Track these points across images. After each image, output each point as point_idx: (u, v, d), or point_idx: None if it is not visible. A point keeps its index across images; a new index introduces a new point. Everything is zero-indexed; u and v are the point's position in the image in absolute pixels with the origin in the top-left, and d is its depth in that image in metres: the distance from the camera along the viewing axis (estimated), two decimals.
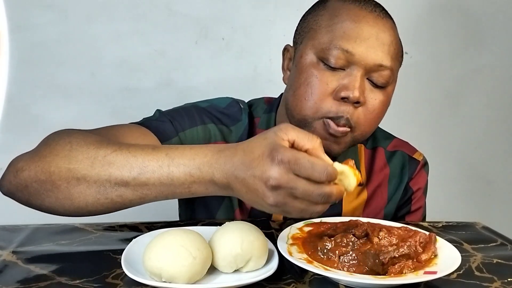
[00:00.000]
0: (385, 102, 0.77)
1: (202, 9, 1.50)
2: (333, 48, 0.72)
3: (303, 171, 0.52)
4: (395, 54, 0.75)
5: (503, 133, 1.73)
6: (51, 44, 1.45)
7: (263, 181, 0.52)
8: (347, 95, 0.72)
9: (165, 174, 0.59)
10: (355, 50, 0.72)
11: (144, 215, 0.82)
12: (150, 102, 1.49)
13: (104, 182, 0.60)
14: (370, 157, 0.89)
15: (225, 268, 0.57)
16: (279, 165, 0.52)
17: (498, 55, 1.67)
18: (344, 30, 0.73)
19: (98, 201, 0.61)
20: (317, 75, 0.74)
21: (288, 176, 0.52)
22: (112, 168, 0.60)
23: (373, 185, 0.87)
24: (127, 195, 0.60)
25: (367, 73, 0.73)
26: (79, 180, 0.60)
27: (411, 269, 0.57)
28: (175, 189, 0.59)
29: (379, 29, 0.73)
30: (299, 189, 0.52)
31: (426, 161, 0.91)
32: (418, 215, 0.90)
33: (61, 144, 0.63)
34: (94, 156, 0.61)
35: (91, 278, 0.56)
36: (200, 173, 0.58)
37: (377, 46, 0.73)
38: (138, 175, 0.59)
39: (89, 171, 0.60)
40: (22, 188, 0.62)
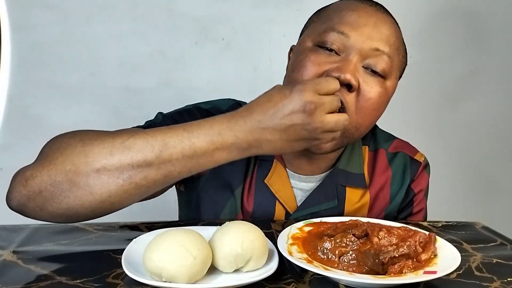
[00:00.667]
0: (382, 94, 0.74)
1: (202, 9, 1.50)
2: (329, 31, 0.73)
3: (324, 88, 0.62)
4: (394, 45, 0.75)
5: (503, 133, 1.73)
6: (51, 44, 1.45)
7: (300, 111, 0.60)
8: (338, 76, 0.69)
9: (187, 147, 0.60)
10: (351, 33, 0.72)
11: (144, 215, 0.82)
12: (150, 102, 1.50)
13: (126, 167, 0.59)
14: (372, 159, 0.88)
15: (225, 268, 0.58)
16: (307, 91, 0.60)
17: (498, 56, 1.67)
18: (342, 17, 0.74)
19: (121, 188, 0.60)
20: (311, 57, 0.74)
21: (317, 96, 0.61)
22: (133, 152, 0.59)
23: (375, 188, 0.86)
24: (152, 175, 0.60)
25: (363, 59, 0.72)
26: (99, 171, 0.59)
27: (411, 269, 0.57)
28: (199, 160, 0.60)
29: (377, 19, 0.74)
30: (327, 103, 0.62)
31: (428, 162, 0.91)
32: (419, 217, 0.90)
33: (71, 143, 0.61)
34: (111, 144, 0.60)
35: (91, 278, 0.56)
36: (221, 138, 0.60)
37: (374, 33, 0.73)
38: (160, 152, 0.60)
39: (109, 159, 0.59)
40: (35, 196, 0.60)
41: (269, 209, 0.82)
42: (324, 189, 0.83)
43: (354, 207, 0.84)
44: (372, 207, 0.86)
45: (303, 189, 0.83)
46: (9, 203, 0.63)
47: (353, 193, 0.84)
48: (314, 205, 0.82)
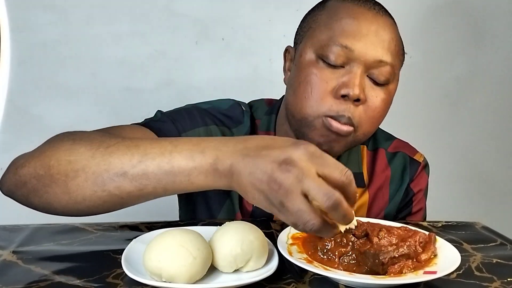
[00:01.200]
0: (387, 100, 0.76)
1: (202, 10, 1.50)
2: (332, 44, 0.72)
3: (325, 165, 0.48)
4: (395, 51, 0.75)
5: (503, 133, 1.73)
6: (51, 45, 1.45)
7: (276, 161, 0.48)
8: (347, 93, 0.71)
9: (166, 160, 0.56)
10: (354, 46, 0.71)
11: (144, 215, 0.82)
12: (150, 102, 1.50)
13: (102, 173, 0.57)
14: (372, 159, 0.88)
15: (225, 268, 0.58)
16: (302, 151, 0.49)
17: (497, 55, 1.67)
18: (343, 27, 0.72)
19: (95, 193, 0.58)
20: (317, 73, 0.73)
21: (306, 162, 0.48)
22: (112, 157, 0.57)
23: (374, 187, 0.86)
24: (125, 186, 0.57)
25: (367, 70, 0.72)
26: (78, 172, 0.58)
27: (410, 269, 0.57)
28: (174, 178, 0.56)
29: (378, 26, 0.73)
30: (310, 179, 0.47)
31: (427, 162, 0.91)
32: (418, 216, 0.90)
33: (63, 140, 0.61)
34: (96, 147, 0.59)
35: (91, 278, 0.56)
36: (202, 156, 0.54)
37: (377, 42, 0.72)
38: (138, 163, 0.56)
39: (89, 161, 0.58)
40: (21, 185, 0.61)
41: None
42: None
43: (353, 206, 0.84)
44: (371, 206, 0.86)
45: None
46: (1, 188, 0.64)
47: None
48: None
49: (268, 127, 0.85)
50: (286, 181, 0.47)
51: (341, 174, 0.49)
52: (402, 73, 0.83)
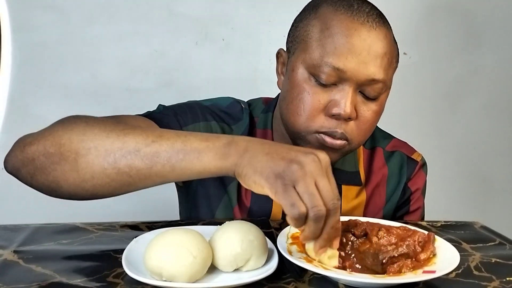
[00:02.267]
0: (378, 111, 0.76)
1: (202, 10, 1.51)
2: (323, 65, 0.71)
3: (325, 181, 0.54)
4: (388, 65, 0.74)
5: (502, 133, 1.73)
6: (52, 45, 1.46)
7: (301, 151, 0.55)
8: (338, 112, 0.71)
9: (180, 141, 0.59)
10: (347, 67, 0.70)
11: (145, 215, 0.82)
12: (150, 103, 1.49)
13: (115, 150, 0.59)
14: (369, 157, 0.89)
15: (225, 267, 0.58)
16: (314, 160, 0.54)
17: (497, 56, 1.67)
18: (335, 46, 0.71)
19: (104, 171, 0.59)
20: (309, 91, 0.73)
21: (313, 171, 0.53)
22: (127, 137, 0.60)
23: (371, 186, 0.87)
24: (136, 163, 0.59)
25: (359, 86, 0.73)
26: (89, 149, 0.59)
27: (410, 269, 0.58)
28: (184, 156, 0.58)
29: (371, 42, 0.71)
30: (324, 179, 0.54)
31: (425, 161, 0.91)
32: (416, 215, 0.90)
33: (76, 122, 0.62)
34: (111, 129, 0.61)
35: (92, 277, 0.56)
36: (217, 139, 0.59)
37: (369, 60, 0.71)
38: (152, 142, 0.59)
39: (103, 140, 0.59)
40: (28, 162, 0.61)
41: (267, 205, 0.83)
42: None
43: (351, 204, 0.85)
44: (368, 205, 0.86)
45: None
46: (6, 166, 0.65)
47: (349, 191, 0.85)
48: None
49: (266, 124, 0.86)
50: (309, 166, 0.53)
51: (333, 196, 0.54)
52: (402, 73, 0.84)
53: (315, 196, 0.53)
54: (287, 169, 0.53)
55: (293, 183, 0.53)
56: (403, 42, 0.81)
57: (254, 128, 0.87)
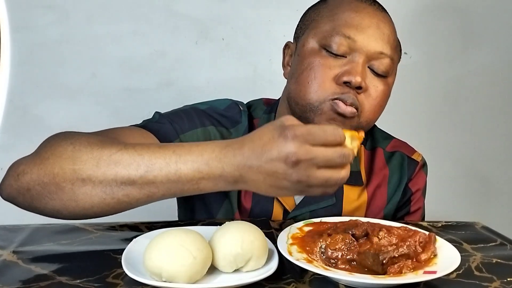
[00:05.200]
0: (386, 92, 0.79)
1: (202, 10, 1.50)
2: (335, 34, 0.75)
3: (317, 139, 0.54)
4: (393, 46, 0.78)
5: (502, 133, 1.73)
6: (52, 45, 1.45)
7: (282, 160, 0.54)
8: (350, 80, 0.73)
9: (173, 171, 0.58)
10: (357, 37, 0.74)
11: (144, 215, 0.82)
12: (150, 103, 1.50)
13: (110, 182, 0.59)
14: (370, 158, 0.89)
15: (225, 268, 0.58)
16: (294, 140, 0.54)
17: (496, 55, 1.67)
18: (345, 19, 0.76)
19: (104, 201, 0.60)
20: (320, 60, 0.76)
21: (305, 148, 0.54)
22: (118, 167, 0.59)
23: (373, 186, 0.86)
24: (134, 194, 0.60)
25: (369, 61, 0.76)
26: (84, 180, 0.59)
27: (410, 269, 0.57)
28: (183, 186, 0.59)
29: (379, 20, 0.76)
30: (320, 157, 0.54)
31: (425, 161, 0.91)
32: (417, 216, 0.90)
33: (63, 145, 0.62)
34: (99, 156, 0.60)
35: (91, 278, 0.56)
36: (208, 168, 0.58)
37: (378, 35, 0.75)
38: (145, 173, 0.59)
39: (95, 171, 0.59)
40: (24, 192, 0.61)
41: (267, 207, 0.82)
42: None
43: (352, 205, 0.84)
44: (370, 205, 0.86)
45: None
46: (1, 194, 0.64)
47: (350, 191, 0.84)
48: (312, 203, 0.82)
49: None
50: (301, 172, 0.54)
51: (336, 137, 0.55)
52: (402, 73, 0.84)
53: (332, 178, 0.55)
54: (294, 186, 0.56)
55: (307, 188, 0.56)
56: (403, 42, 0.81)
57: (254, 129, 0.86)
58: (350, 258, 0.60)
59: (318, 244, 0.62)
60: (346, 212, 0.84)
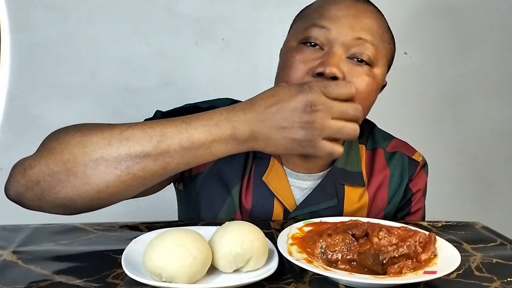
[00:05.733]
0: (370, 82, 0.74)
1: (202, 10, 1.51)
2: (310, 26, 0.74)
3: (332, 92, 0.60)
4: (377, 33, 0.75)
5: (503, 133, 1.73)
6: (51, 45, 1.46)
7: (301, 109, 0.59)
8: (323, 70, 0.70)
9: (185, 138, 0.60)
10: (332, 25, 0.73)
11: (144, 215, 0.82)
12: (150, 102, 1.50)
13: (124, 157, 0.59)
14: (370, 158, 0.89)
15: (225, 268, 0.58)
16: (313, 92, 0.60)
17: (497, 55, 1.67)
18: (321, 12, 0.75)
19: (119, 178, 0.60)
20: (295, 56, 0.74)
21: (323, 98, 0.60)
22: (131, 142, 0.60)
23: (374, 187, 0.86)
24: (150, 166, 0.60)
25: (347, 50, 0.73)
26: (97, 160, 0.59)
27: (410, 269, 0.57)
28: (196, 152, 0.60)
29: (357, 10, 0.75)
30: (335, 107, 0.60)
31: (426, 162, 0.91)
32: (417, 216, 0.90)
33: (70, 133, 0.62)
34: (110, 135, 0.60)
35: (91, 278, 0.56)
36: (219, 129, 0.60)
37: (355, 23, 0.74)
38: (158, 143, 0.60)
39: (107, 149, 0.59)
40: (33, 185, 0.60)
41: (268, 207, 0.82)
42: (323, 188, 0.83)
43: (354, 207, 0.84)
44: (371, 206, 0.86)
45: (300, 187, 0.84)
46: (7, 194, 0.63)
47: (352, 192, 0.84)
48: (313, 204, 0.82)
49: None
50: (318, 117, 0.59)
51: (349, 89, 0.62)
52: (402, 73, 0.83)
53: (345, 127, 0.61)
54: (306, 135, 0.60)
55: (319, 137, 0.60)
56: (404, 42, 0.82)
57: None
58: (350, 258, 0.60)
59: (318, 245, 0.62)
60: (347, 213, 0.84)
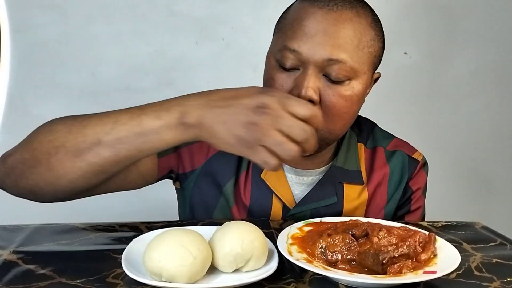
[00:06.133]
0: (348, 97, 0.73)
1: (202, 10, 1.50)
2: (283, 49, 0.73)
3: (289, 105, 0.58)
4: (351, 44, 0.72)
5: (502, 132, 1.73)
6: (51, 44, 1.45)
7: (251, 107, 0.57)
8: (298, 93, 0.71)
9: (136, 123, 0.61)
10: (301, 48, 0.71)
11: (144, 215, 0.82)
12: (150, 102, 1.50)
13: (79, 144, 0.62)
14: (370, 157, 0.89)
15: (225, 268, 0.58)
16: (270, 97, 0.58)
17: (496, 55, 1.67)
18: (293, 31, 0.73)
19: (75, 165, 0.62)
20: (274, 77, 0.75)
21: (277, 106, 0.57)
22: (87, 129, 0.62)
23: (373, 185, 0.87)
24: (103, 153, 0.62)
25: (321, 70, 0.72)
26: (58, 148, 0.62)
27: (410, 269, 0.57)
28: (147, 138, 0.61)
29: (328, 24, 0.71)
30: (285, 120, 0.57)
31: (426, 161, 0.91)
32: (417, 215, 0.90)
33: (44, 124, 0.67)
34: (71, 123, 0.64)
35: (91, 278, 0.56)
36: (168, 114, 0.60)
37: (324, 41, 0.70)
38: (111, 129, 0.61)
39: (67, 137, 0.63)
40: (10, 172, 0.65)
41: (266, 204, 0.83)
42: (323, 186, 0.84)
43: (353, 204, 0.85)
44: (370, 204, 0.86)
45: (299, 183, 0.85)
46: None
47: (351, 190, 0.85)
48: (313, 201, 0.83)
49: None
50: (264, 121, 0.57)
51: (304, 111, 0.58)
52: (402, 73, 0.83)
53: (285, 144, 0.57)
54: (247, 135, 0.57)
55: (258, 142, 0.57)
56: (404, 42, 0.81)
57: None
58: (350, 258, 0.60)
59: (318, 245, 0.62)
60: (347, 210, 0.84)
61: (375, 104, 0.79)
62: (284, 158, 0.58)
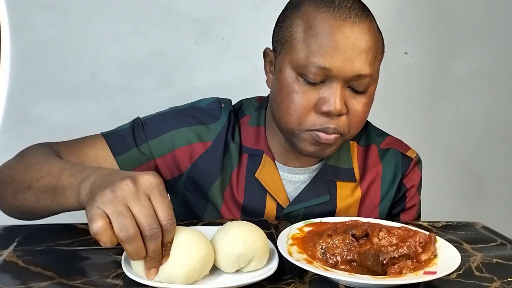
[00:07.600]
0: (368, 103, 0.77)
1: (202, 10, 1.50)
2: (310, 65, 0.72)
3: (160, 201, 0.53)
4: (373, 58, 0.74)
5: (500, 133, 1.73)
6: (51, 44, 1.45)
7: (123, 177, 0.53)
8: (329, 110, 0.72)
9: (57, 176, 0.63)
10: (332, 65, 0.71)
11: None
12: (150, 102, 1.50)
13: (18, 185, 0.68)
14: (363, 154, 0.89)
15: (227, 268, 0.58)
16: (151, 178, 0.54)
17: (497, 55, 1.67)
18: (319, 45, 0.71)
19: (14, 202, 0.69)
20: (298, 91, 0.74)
21: (146, 187, 0.53)
22: (28, 172, 0.67)
23: (366, 182, 0.87)
24: (29, 198, 0.66)
25: (347, 82, 0.73)
26: (8, 184, 0.70)
27: (410, 269, 0.57)
28: (56, 192, 0.62)
29: (355, 38, 0.71)
30: (140, 200, 0.52)
31: (419, 158, 0.91)
32: (412, 212, 0.90)
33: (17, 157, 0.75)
34: (24, 162, 0.70)
35: (91, 278, 0.56)
36: (81, 172, 0.61)
37: (354, 56, 0.71)
38: (41, 178, 0.64)
39: (13, 174, 0.70)
40: None
41: (260, 202, 0.83)
42: (315, 185, 0.84)
43: (346, 201, 0.85)
44: (364, 201, 0.87)
45: (292, 181, 0.85)
46: None
47: (344, 188, 0.85)
48: (306, 200, 0.83)
49: (259, 122, 0.87)
50: (119, 190, 0.52)
51: (165, 218, 0.53)
52: (402, 73, 0.83)
53: (124, 218, 0.51)
54: (100, 197, 0.52)
55: (103, 207, 0.51)
56: (404, 42, 0.81)
57: (235, 126, 0.86)
58: (350, 259, 0.60)
59: (318, 246, 0.62)
60: (340, 208, 0.85)
61: (375, 104, 0.80)
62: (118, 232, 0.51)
